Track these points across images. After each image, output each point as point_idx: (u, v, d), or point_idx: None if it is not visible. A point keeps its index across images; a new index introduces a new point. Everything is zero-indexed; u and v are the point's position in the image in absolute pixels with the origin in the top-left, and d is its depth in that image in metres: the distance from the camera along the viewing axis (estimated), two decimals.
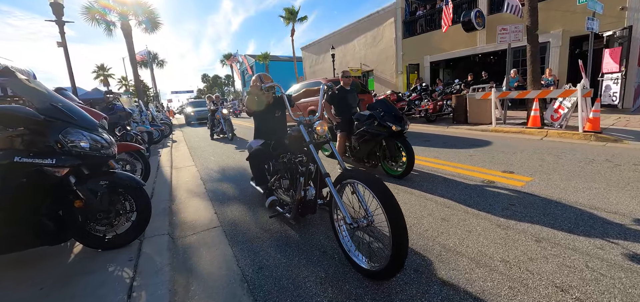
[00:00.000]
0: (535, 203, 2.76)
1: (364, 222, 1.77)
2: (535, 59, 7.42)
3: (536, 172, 3.68)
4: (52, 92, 2.09)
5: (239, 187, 3.88)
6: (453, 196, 3.06)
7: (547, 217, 2.46)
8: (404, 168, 3.61)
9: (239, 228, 2.63)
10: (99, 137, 2.01)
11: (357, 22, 18.34)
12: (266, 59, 31.18)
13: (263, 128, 3.01)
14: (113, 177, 2.07)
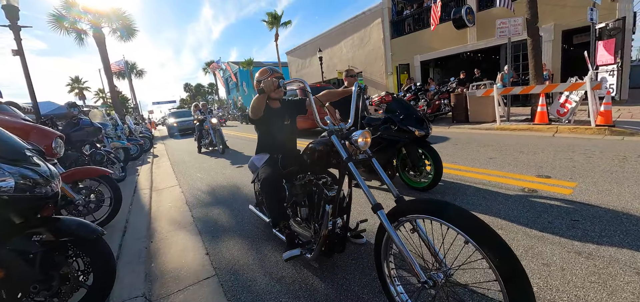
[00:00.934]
0: (600, 217, 2.28)
1: (441, 278, 1.20)
2: (537, 52, 7.15)
3: (574, 175, 3.24)
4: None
5: (235, 213, 3.23)
6: (499, 212, 2.54)
7: (627, 236, 1.97)
8: (430, 179, 3.07)
9: (241, 277, 1.99)
10: (29, 170, 1.34)
11: (344, 23, 17.99)
12: (250, 65, 30.35)
13: (270, 140, 2.35)
14: (54, 227, 1.41)
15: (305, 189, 2.06)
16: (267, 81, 1.88)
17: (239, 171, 5.06)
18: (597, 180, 3.04)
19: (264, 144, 2.38)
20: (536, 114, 6.64)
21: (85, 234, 1.44)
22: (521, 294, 0.95)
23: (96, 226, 1.52)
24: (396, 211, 1.33)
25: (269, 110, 2.24)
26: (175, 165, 6.51)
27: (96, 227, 1.50)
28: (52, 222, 1.42)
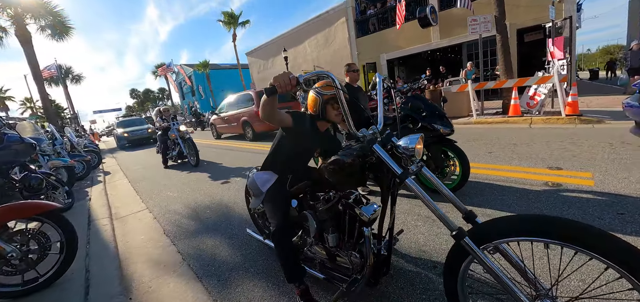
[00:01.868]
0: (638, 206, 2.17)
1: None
2: (506, 48, 7.48)
3: (583, 164, 3.23)
4: None
5: (235, 241, 2.62)
6: (543, 210, 2.33)
7: None
8: (456, 180, 2.79)
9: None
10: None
11: (307, 23, 17.62)
12: (206, 67, 28.48)
13: (287, 159, 1.79)
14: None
15: (336, 212, 1.65)
16: (280, 76, 1.30)
17: (223, 188, 4.32)
18: (608, 168, 3.03)
19: (276, 160, 1.81)
20: (510, 107, 6.90)
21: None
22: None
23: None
24: (481, 233, 1.07)
25: (313, 130, 1.72)
26: (137, 183, 5.51)
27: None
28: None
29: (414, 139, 1.31)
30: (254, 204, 1.90)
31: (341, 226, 1.65)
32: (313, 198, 1.82)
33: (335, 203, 1.65)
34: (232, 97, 10.64)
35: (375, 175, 1.44)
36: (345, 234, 1.63)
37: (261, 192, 1.77)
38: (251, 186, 1.85)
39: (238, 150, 7.95)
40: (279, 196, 1.76)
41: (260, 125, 9.14)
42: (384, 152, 1.30)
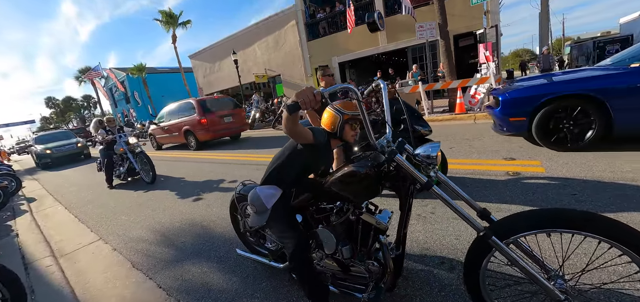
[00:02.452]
0: (589, 187, 2.57)
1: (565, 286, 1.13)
2: (449, 53, 8.26)
3: (531, 154, 3.70)
4: None
5: (223, 262, 2.39)
6: (513, 198, 2.61)
7: (622, 200, 2.24)
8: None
9: None
10: None
11: (255, 25, 17.22)
12: (142, 71, 25.77)
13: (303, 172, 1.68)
14: None
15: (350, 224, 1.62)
16: (304, 92, 1.24)
17: (196, 206, 3.87)
18: (550, 155, 3.53)
19: (283, 175, 1.67)
20: (456, 105, 7.63)
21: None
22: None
23: None
24: (503, 229, 1.18)
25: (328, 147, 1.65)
26: (77, 209, 4.70)
27: None
28: None
29: (436, 148, 1.39)
30: (256, 222, 1.74)
31: (353, 236, 1.62)
32: (318, 211, 1.75)
33: (347, 214, 1.61)
34: (172, 105, 10.12)
35: (392, 183, 1.45)
36: (357, 244, 1.61)
37: (266, 208, 1.63)
38: (255, 202, 1.67)
39: (192, 161, 7.35)
40: (287, 212, 1.66)
41: (204, 134, 8.84)
42: (407, 162, 1.32)
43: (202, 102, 9.01)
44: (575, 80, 3.63)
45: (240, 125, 9.86)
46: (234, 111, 9.61)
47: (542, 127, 3.62)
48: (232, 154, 7.40)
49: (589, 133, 3.45)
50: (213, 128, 8.79)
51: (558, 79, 3.91)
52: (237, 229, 2.35)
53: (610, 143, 3.45)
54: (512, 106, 3.85)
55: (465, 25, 11.33)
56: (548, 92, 3.60)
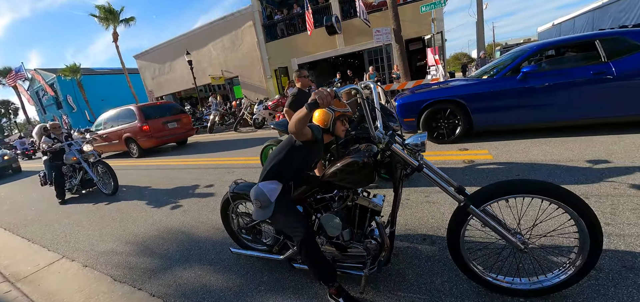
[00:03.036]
0: (532, 168, 3.13)
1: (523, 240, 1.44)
2: (404, 56, 8.96)
3: (480, 145, 4.29)
4: None
5: (217, 264, 2.41)
6: (473, 183, 3.04)
7: (552, 176, 2.80)
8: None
9: None
10: None
11: (210, 25, 16.58)
12: (77, 73, 23.02)
13: (303, 167, 1.85)
14: None
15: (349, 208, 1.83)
16: (321, 92, 1.43)
17: (176, 214, 3.69)
18: (496, 145, 4.15)
19: (285, 170, 1.80)
20: None
21: None
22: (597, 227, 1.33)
23: None
24: (478, 199, 1.47)
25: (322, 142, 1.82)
26: (21, 229, 4.15)
27: None
28: None
29: (423, 137, 1.65)
30: (261, 215, 1.84)
31: (351, 220, 1.82)
32: (316, 202, 1.93)
33: (346, 201, 1.81)
34: (111, 112, 9.73)
35: (387, 169, 1.69)
36: (355, 226, 1.81)
37: (270, 202, 1.75)
38: (259, 198, 1.77)
39: (156, 168, 6.93)
40: (290, 204, 1.81)
41: (146, 141, 8.62)
42: (402, 150, 1.56)
43: (143, 109, 8.83)
44: (447, 89, 4.65)
45: (186, 131, 9.78)
46: (179, 116, 9.56)
47: (427, 125, 4.58)
48: (199, 159, 7.14)
49: (458, 129, 4.46)
50: (156, 134, 8.64)
51: (437, 88, 4.91)
52: (230, 228, 2.40)
53: (545, 132, 4.17)
54: (404, 110, 4.73)
55: (415, 31, 12.33)
56: (427, 98, 4.54)
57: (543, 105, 4.02)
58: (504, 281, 1.57)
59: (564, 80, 3.88)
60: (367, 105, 1.64)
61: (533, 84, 3.98)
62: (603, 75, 3.68)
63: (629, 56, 3.65)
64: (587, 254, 1.37)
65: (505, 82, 4.17)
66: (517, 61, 4.25)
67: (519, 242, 1.43)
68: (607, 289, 1.51)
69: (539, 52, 4.39)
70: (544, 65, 4.28)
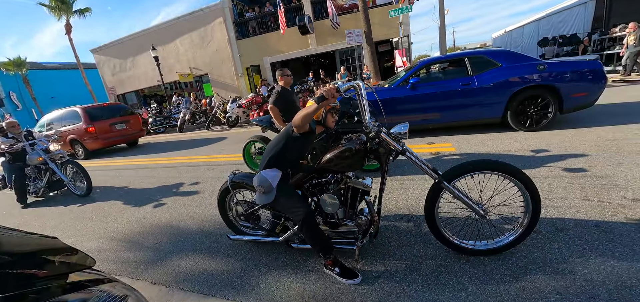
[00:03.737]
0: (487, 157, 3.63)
1: (484, 209, 1.81)
2: (374, 57, 9.44)
3: (443, 139, 4.80)
4: None
5: (214, 252, 2.55)
6: (444, 168, 3.45)
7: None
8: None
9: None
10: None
11: (177, 20, 15.98)
12: (21, 67, 20.84)
13: (292, 157, 2.06)
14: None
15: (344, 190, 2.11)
16: (329, 90, 1.70)
17: (159, 211, 3.69)
18: (458, 138, 4.67)
19: (284, 159, 2.02)
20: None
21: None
22: (537, 196, 1.73)
23: None
24: (449, 176, 1.83)
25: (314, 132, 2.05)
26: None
27: None
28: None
29: (405, 126, 1.95)
30: (264, 200, 2.03)
31: (344, 201, 2.09)
32: (312, 186, 2.17)
33: (341, 183, 2.08)
34: (54, 113, 9.51)
35: (375, 155, 1.97)
36: (347, 206, 2.09)
37: (272, 188, 1.97)
38: (263, 184, 1.97)
39: (128, 168, 6.69)
40: (290, 188, 2.03)
41: (93, 142, 8.65)
42: (389, 137, 1.85)
43: (89, 110, 8.82)
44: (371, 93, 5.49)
45: (136, 131, 9.85)
46: (127, 118, 9.59)
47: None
48: (174, 157, 7.00)
49: None
50: (103, 136, 8.66)
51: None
52: (226, 217, 2.56)
53: (498, 127, 4.77)
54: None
55: (383, 33, 12.96)
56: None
57: (428, 109, 4.91)
58: (469, 244, 1.94)
59: (441, 90, 4.78)
60: (361, 100, 1.91)
61: (419, 93, 4.85)
62: (468, 86, 4.59)
63: (486, 71, 4.55)
64: (530, 218, 1.78)
65: (401, 90, 4.99)
66: (409, 73, 5.10)
67: (481, 210, 1.80)
68: (544, 245, 1.93)
69: (426, 66, 5.29)
70: (428, 77, 5.21)
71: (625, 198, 2.31)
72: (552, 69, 4.28)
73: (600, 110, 5.04)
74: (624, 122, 4.18)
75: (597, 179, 2.67)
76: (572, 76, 4.25)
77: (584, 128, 4.24)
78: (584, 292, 1.54)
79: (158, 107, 15.71)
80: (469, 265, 1.88)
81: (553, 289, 1.59)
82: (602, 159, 3.09)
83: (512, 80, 4.37)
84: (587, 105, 4.42)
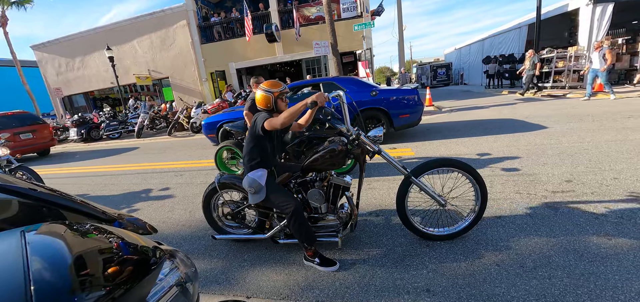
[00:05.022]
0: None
1: (445, 200, 2.19)
2: (340, 67, 9.90)
3: (404, 145, 5.29)
4: None
5: (196, 253, 2.61)
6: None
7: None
8: (351, 163, 3.98)
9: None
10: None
11: (136, 19, 15.18)
12: None
13: (270, 155, 2.25)
14: None
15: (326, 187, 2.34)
16: (320, 95, 1.94)
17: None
18: (416, 145, 5.18)
19: (263, 159, 2.20)
20: None
21: None
22: (485, 188, 2.14)
23: None
24: (417, 172, 2.17)
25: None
26: None
27: None
28: None
29: (380, 130, 2.27)
30: (256, 199, 2.17)
31: (327, 197, 2.32)
32: (298, 185, 2.37)
33: (324, 181, 2.31)
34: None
35: (355, 155, 2.22)
36: (329, 201, 2.32)
37: (261, 186, 2.13)
38: (252, 185, 2.12)
39: (75, 176, 6.23)
40: (278, 186, 2.21)
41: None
42: (367, 139, 2.14)
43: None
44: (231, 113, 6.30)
45: (46, 141, 9.84)
46: (35, 127, 9.49)
47: (224, 137, 5.93)
48: (134, 165, 6.67)
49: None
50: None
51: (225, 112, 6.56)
52: (211, 217, 2.62)
53: (451, 135, 5.37)
54: (208, 128, 6.28)
55: (347, 45, 13.57)
56: (220, 119, 6.13)
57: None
58: (434, 231, 2.28)
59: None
60: (344, 106, 2.18)
61: None
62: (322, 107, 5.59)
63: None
64: (479, 208, 2.17)
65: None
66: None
67: (442, 201, 2.15)
68: (485, 229, 2.35)
69: (294, 88, 6.12)
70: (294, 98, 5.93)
71: (547, 191, 2.86)
72: (382, 95, 5.33)
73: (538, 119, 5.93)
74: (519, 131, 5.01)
75: (526, 176, 3.24)
76: (398, 101, 5.29)
77: (517, 133, 4.99)
78: (516, 263, 1.94)
79: (111, 110, 14.65)
80: (429, 249, 2.22)
81: (493, 262, 1.98)
82: (531, 160, 3.72)
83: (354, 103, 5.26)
84: (413, 124, 5.56)
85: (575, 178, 3.06)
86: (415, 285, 1.88)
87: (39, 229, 0.74)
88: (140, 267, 0.81)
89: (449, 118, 7.70)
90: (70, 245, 0.75)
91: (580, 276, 1.76)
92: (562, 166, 3.41)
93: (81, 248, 0.78)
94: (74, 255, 0.72)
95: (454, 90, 17.71)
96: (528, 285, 1.74)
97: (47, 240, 0.74)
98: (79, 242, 0.79)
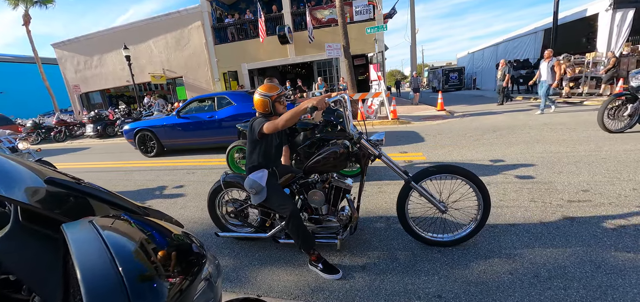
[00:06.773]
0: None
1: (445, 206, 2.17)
2: (351, 70, 9.90)
3: (416, 148, 5.25)
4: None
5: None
6: None
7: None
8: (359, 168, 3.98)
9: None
10: None
11: (152, 19, 15.54)
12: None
13: (270, 155, 2.28)
14: None
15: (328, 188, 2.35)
16: (320, 99, 1.95)
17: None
18: (427, 149, 5.14)
19: (264, 160, 2.24)
20: (358, 113, 9.27)
21: None
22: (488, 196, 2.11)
23: None
24: (418, 177, 2.17)
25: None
26: None
27: None
28: None
29: (382, 134, 2.28)
30: (258, 200, 2.21)
31: (328, 198, 2.33)
32: (299, 186, 2.40)
33: (325, 183, 2.33)
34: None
35: (356, 157, 2.25)
36: (330, 203, 2.33)
37: (262, 187, 2.16)
38: (254, 186, 2.15)
39: (86, 171, 6.41)
40: (278, 187, 2.24)
41: None
42: (368, 143, 2.14)
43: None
44: (146, 121, 7.06)
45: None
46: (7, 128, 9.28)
47: (141, 144, 6.94)
48: (147, 162, 6.82)
49: (155, 149, 6.84)
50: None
51: (143, 120, 7.43)
52: (215, 215, 2.68)
53: (463, 139, 5.30)
54: (129, 133, 7.05)
55: (359, 48, 13.57)
56: (137, 127, 6.93)
57: (191, 134, 6.53)
58: (436, 237, 2.27)
59: (196, 120, 6.39)
60: (345, 111, 2.19)
61: (183, 121, 6.47)
62: (213, 118, 6.18)
63: (225, 108, 6.12)
64: (482, 215, 2.15)
65: (173, 119, 6.60)
66: (182, 106, 6.67)
67: (442, 207, 2.13)
68: (499, 237, 2.31)
69: (195, 101, 6.69)
70: (191, 109, 6.60)
71: (563, 200, 2.79)
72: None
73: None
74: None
75: (541, 184, 3.18)
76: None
77: (531, 140, 4.88)
78: (530, 272, 1.91)
79: (126, 108, 15.03)
80: (441, 255, 2.20)
81: (507, 270, 1.95)
82: (546, 168, 3.64)
83: (240, 115, 5.81)
84: None
85: (593, 188, 2.98)
86: (426, 291, 1.87)
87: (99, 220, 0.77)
88: (195, 260, 0.84)
89: (461, 123, 7.61)
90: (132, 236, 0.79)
91: (597, 288, 1.72)
92: (579, 175, 3.33)
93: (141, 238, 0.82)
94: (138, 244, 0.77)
95: (466, 94, 17.46)
96: (542, 295, 1.71)
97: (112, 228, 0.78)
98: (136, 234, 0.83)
